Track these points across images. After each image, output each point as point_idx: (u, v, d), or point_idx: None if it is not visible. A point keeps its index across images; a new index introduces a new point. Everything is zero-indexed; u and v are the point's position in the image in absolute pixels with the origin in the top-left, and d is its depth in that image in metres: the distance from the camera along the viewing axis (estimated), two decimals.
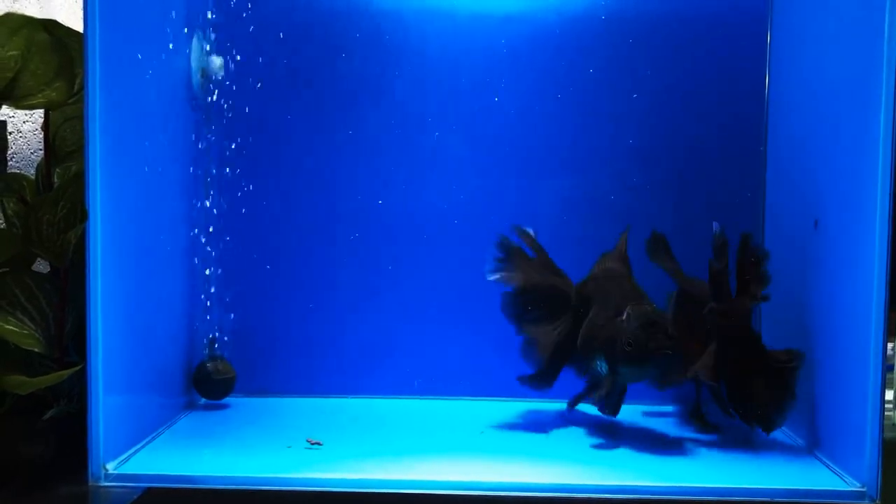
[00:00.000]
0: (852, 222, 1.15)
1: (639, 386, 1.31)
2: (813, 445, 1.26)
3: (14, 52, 1.17)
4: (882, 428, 1.08)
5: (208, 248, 1.49)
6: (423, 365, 1.52)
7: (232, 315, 1.50)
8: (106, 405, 1.10)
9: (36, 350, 1.15)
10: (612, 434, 1.33)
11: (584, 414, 1.42)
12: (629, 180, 1.50)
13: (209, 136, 1.48)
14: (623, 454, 1.23)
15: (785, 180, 1.42)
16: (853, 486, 1.11)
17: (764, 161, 1.49)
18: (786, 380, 1.26)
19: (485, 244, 1.37)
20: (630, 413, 1.42)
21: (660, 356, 1.21)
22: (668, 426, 1.39)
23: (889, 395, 1.33)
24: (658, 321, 1.22)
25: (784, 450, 1.28)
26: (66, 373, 1.11)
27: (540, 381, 1.37)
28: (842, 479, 1.13)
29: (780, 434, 1.33)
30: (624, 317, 1.25)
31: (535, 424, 1.38)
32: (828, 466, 1.18)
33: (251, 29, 1.48)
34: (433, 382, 1.52)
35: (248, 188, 1.50)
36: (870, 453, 1.08)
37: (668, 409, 1.47)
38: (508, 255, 1.37)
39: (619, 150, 1.49)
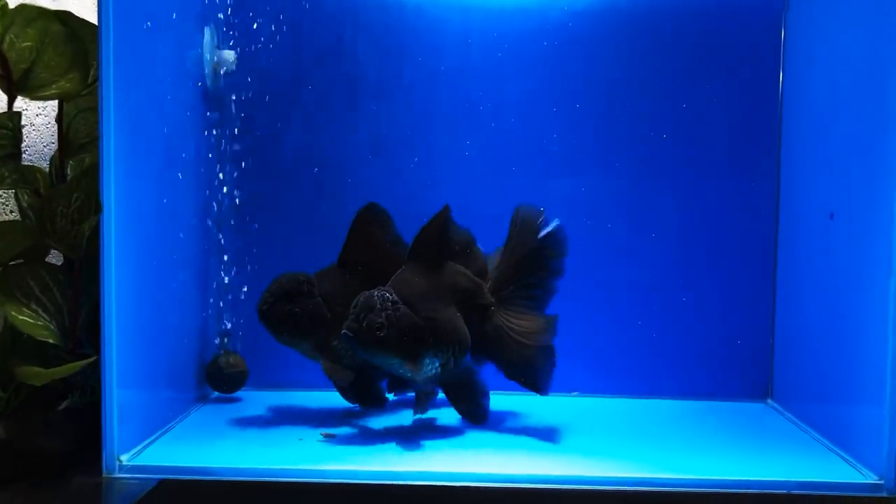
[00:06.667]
0: (868, 215, 1.14)
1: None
2: (830, 438, 1.25)
3: (28, 44, 1.17)
4: None
5: (221, 241, 1.49)
6: None
7: (244, 309, 1.50)
8: (120, 398, 1.10)
9: (50, 341, 1.14)
10: (618, 426, 1.33)
11: (583, 408, 1.42)
12: (644, 176, 1.49)
13: (222, 130, 1.48)
14: (634, 446, 1.23)
15: (800, 173, 1.41)
16: (870, 478, 1.10)
17: (779, 154, 1.48)
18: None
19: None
20: (618, 405, 1.42)
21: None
22: (672, 418, 1.38)
23: None
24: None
25: (801, 442, 1.27)
26: (80, 364, 1.10)
27: None
28: (859, 471, 1.13)
29: (796, 427, 1.33)
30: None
31: (547, 419, 1.37)
32: (845, 459, 1.18)
33: (263, 24, 1.48)
34: None
35: (261, 181, 1.50)
36: (888, 446, 1.08)
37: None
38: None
39: (634, 145, 1.48)
